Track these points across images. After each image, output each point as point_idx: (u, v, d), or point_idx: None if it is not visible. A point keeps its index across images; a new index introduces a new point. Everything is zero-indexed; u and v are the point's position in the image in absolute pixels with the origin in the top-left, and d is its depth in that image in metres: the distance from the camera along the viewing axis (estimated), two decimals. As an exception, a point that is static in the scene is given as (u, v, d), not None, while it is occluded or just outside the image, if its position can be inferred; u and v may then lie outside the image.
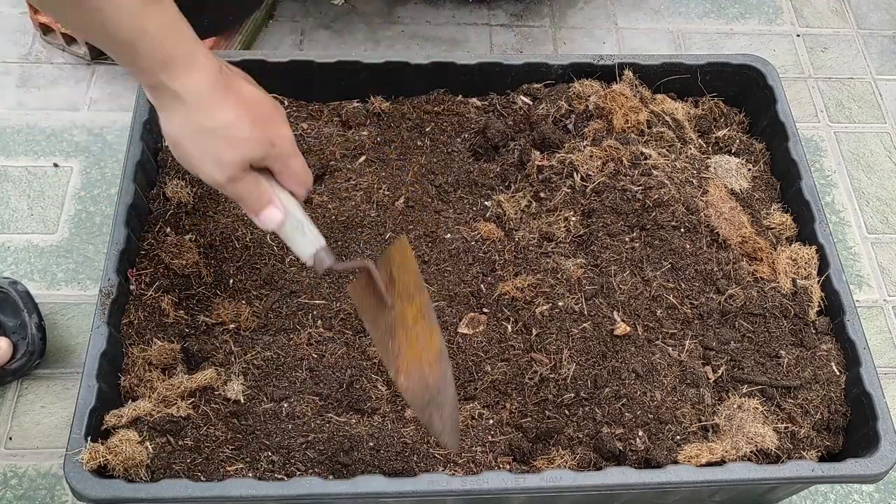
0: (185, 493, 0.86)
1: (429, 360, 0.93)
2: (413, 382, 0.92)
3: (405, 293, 0.94)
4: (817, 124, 1.58)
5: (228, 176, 0.80)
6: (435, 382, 0.93)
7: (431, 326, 0.94)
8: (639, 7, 1.73)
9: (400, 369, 0.92)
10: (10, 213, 1.35)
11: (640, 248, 1.07)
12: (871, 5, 1.77)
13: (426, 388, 0.92)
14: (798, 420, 0.98)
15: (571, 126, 1.19)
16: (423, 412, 0.91)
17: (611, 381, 0.99)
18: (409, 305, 0.93)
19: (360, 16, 1.66)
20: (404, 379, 0.92)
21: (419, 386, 0.92)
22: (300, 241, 0.90)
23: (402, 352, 0.93)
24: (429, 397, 0.92)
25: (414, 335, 0.93)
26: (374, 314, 0.95)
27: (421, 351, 0.93)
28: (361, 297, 0.96)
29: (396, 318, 0.93)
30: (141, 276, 1.04)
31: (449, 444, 0.92)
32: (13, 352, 1.16)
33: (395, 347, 0.94)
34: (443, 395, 0.93)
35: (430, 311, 0.94)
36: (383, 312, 0.94)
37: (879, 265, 1.41)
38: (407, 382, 0.93)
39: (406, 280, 0.94)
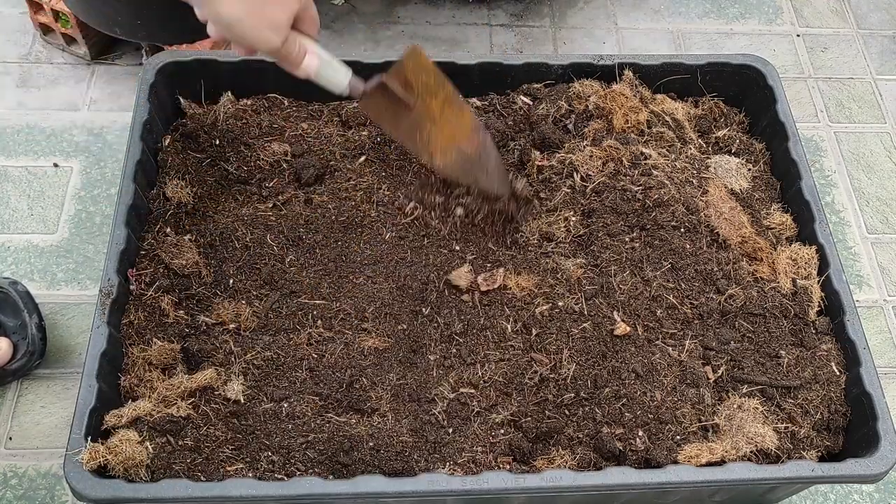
0: (185, 493, 0.86)
1: (463, 135, 1.06)
2: (449, 158, 1.05)
3: (426, 91, 1.03)
4: (817, 124, 1.58)
5: (283, 37, 0.88)
6: (474, 151, 1.06)
7: (461, 109, 1.05)
8: (639, 7, 1.73)
9: (434, 152, 1.05)
10: (10, 213, 1.35)
11: (640, 248, 1.07)
12: (871, 5, 1.77)
13: (465, 159, 1.06)
14: (798, 420, 0.98)
15: (571, 126, 1.19)
16: (468, 177, 1.05)
17: (611, 381, 0.99)
18: (432, 99, 1.03)
19: (360, 16, 1.66)
20: (440, 158, 1.05)
21: (458, 159, 1.04)
22: (333, 76, 0.98)
23: (433, 138, 1.05)
24: (470, 165, 1.06)
25: (443, 122, 1.04)
26: (395, 120, 1.05)
27: (453, 131, 1.05)
28: (379, 109, 1.04)
29: (420, 114, 1.03)
30: (141, 276, 1.04)
31: (500, 190, 1.06)
32: (13, 352, 1.16)
33: (424, 138, 1.05)
34: (485, 158, 1.06)
35: (457, 98, 1.04)
36: (406, 114, 1.03)
37: (879, 265, 1.41)
38: (443, 160, 1.05)
39: (424, 80, 1.02)
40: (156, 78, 1.15)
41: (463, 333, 1.03)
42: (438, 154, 1.05)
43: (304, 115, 1.22)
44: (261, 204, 1.13)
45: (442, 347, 1.02)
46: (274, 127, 1.19)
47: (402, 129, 1.05)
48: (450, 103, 1.04)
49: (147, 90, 1.14)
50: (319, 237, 1.10)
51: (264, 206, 1.13)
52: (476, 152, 1.06)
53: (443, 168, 1.06)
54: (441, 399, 0.99)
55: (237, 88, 1.21)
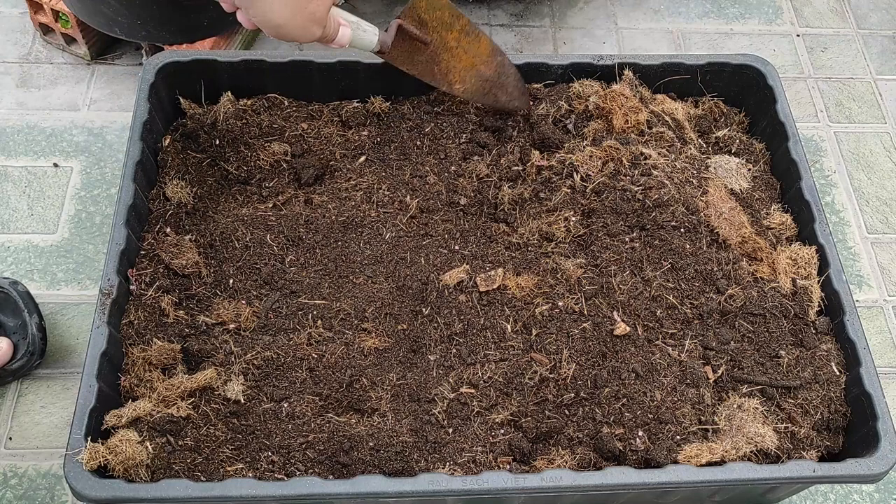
0: (185, 493, 0.87)
1: (482, 60, 1.12)
2: (469, 83, 1.12)
3: (440, 25, 1.08)
4: (817, 124, 1.58)
5: (324, 26, 0.94)
6: (493, 72, 1.13)
7: (477, 38, 1.10)
8: (639, 7, 1.73)
9: (454, 80, 1.11)
10: (10, 213, 1.35)
11: (640, 248, 1.07)
12: (871, 5, 1.77)
13: (485, 81, 1.13)
14: (798, 420, 0.98)
15: (571, 126, 1.19)
16: (488, 97, 1.12)
17: (611, 381, 0.99)
18: (447, 32, 1.08)
19: (360, 16, 1.66)
20: (459, 84, 1.12)
21: (477, 82, 1.11)
22: (364, 37, 1.03)
23: (452, 67, 1.11)
24: (490, 85, 1.13)
25: (461, 51, 1.10)
26: (412, 58, 1.10)
27: (472, 59, 1.11)
28: (394, 49, 1.07)
29: (437, 48, 1.09)
30: (141, 276, 1.04)
31: (520, 105, 1.15)
32: (13, 352, 1.16)
33: (443, 69, 1.11)
34: (504, 77, 1.13)
35: (473, 28, 1.09)
36: (424, 51, 1.09)
37: (879, 265, 1.41)
38: (463, 86, 1.12)
39: (438, 15, 1.07)
40: (156, 78, 1.15)
41: (463, 333, 1.03)
42: (458, 81, 1.11)
43: (303, 115, 1.22)
44: (261, 204, 1.13)
45: (442, 347, 1.02)
46: (274, 127, 1.19)
47: (420, 64, 1.10)
48: (465, 33, 1.09)
49: (147, 90, 1.14)
50: (319, 237, 1.10)
51: (264, 206, 1.13)
52: (494, 73, 1.12)
53: (463, 93, 1.12)
54: (441, 399, 0.99)
55: (237, 88, 1.21)
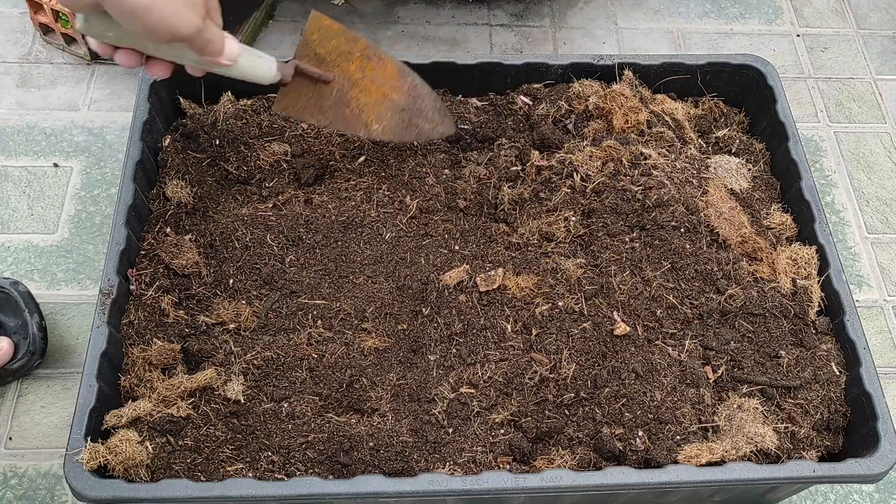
0: (185, 493, 0.87)
1: (392, 87, 0.99)
2: (386, 119, 0.99)
3: (339, 56, 0.96)
4: (817, 124, 1.58)
5: (202, 15, 0.79)
6: (406, 99, 1.00)
7: (380, 60, 0.97)
8: (639, 7, 1.73)
9: (369, 120, 0.97)
10: (10, 213, 1.35)
11: (640, 248, 1.07)
12: (871, 5, 1.77)
13: (401, 111, 1.00)
14: (798, 420, 0.98)
15: (571, 126, 1.19)
16: (410, 130, 0.98)
17: (611, 381, 0.99)
18: (348, 63, 0.96)
19: (360, 16, 1.66)
20: (376, 124, 0.98)
21: (394, 115, 0.98)
22: (259, 63, 0.92)
23: (363, 105, 0.98)
24: (408, 115, 1.00)
25: (367, 82, 0.97)
26: (319, 103, 0.97)
27: (381, 87, 0.98)
28: (299, 100, 0.96)
29: (342, 83, 0.96)
30: (141, 276, 1.04)
31: (446, 130, 1.01)
32: (14, 352, 1.16)
33: (354, 109, 0.97)
34: (419, 101, 1.01)
35: (374, 50, 0.96)
36: (328, 92, 0.96)
37: (879, 265, 1.41)
38: (380, 124, 0.99)
39: (334, 45, 0.95)
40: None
41: (463, 333, 1.03)
42: (374, 120, 0.99)
43: (304, 115, 1.22)
44: (261, 204, 1.13)
45: (442, 347, 1.02)
46: (274, 127, 1.19)
47: (329, 110, 0.98)
48: (367, 58, 0.97)
49: (147, 90, 1.14)
50: (319, 237, 1.10)
51: (264, 206, 1.13)
52: (407, 100, 1.00)
53: (382, 133, 1.00)
54: (441, 399, 0.99)
55: (237, 88, 1.21)
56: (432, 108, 1.02)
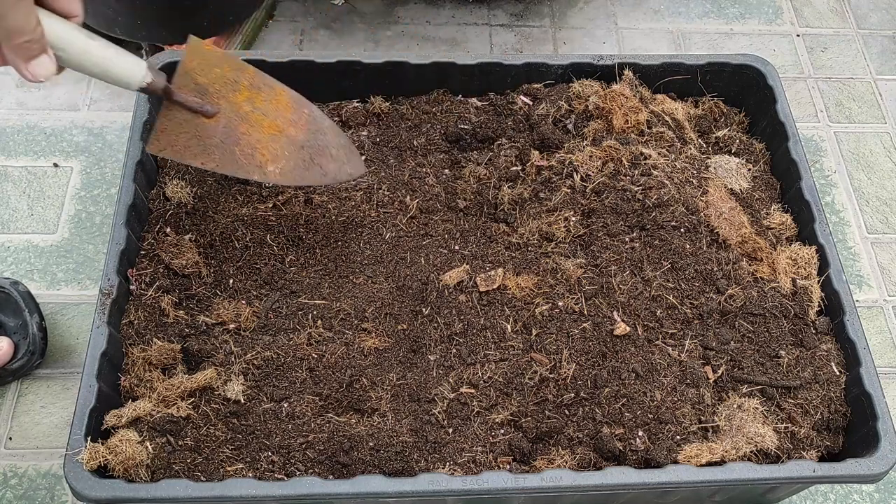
0: (185, 493, 0.86)
1: (287, 121, 0.85)
2: (284, 159, 0.84)
3: (224, 86, 0.83)
4: (817, 124, 1.58)
5: None
6: (305, 134, 0.86)
7: (271, 89, 0.85)
8: (639, 7, 1.73)
9: (264, 161, 0.83)
10: (10, 213, 1.35)
11: (640, 248, 1.07)
12: (871, 5, 1.77)
13: (301, 149, 0.85)
14: (798, 420, 0.98)
15: (571, 126, 1.19)
16: (313, 171, 0.84)
17: (611, 381, 0.99)
18: (235, 94, 0.83)
19: (360, 16, 1.66)
20: (273, 164, 0.83)
21: (293, 154, 0.84)
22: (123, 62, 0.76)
23: (256, 143, 0.83)
24: (309, 153, 0.86)
25: (259, 116, 0.83)
26: (203, 142, 0.82)
27: (274, 121, 0.84)
28: (178, 137, 0.82)
29: (229, 117, 0.82)
30: (141, 276, 1.04)
31: (354, 170, 0.86)
32: (14, 352, 1.16)
33: (246, 148, 0.82)
34: (320, 135, 0.86)
35: (262, 78, 0.84)
36: (213, 128, 0.82)
37: (879, 265, 1.41)
38: (277, 165, 0.84)
39: (217, 74, 0.83)
40: (156, 78, 1.15)
41: (463, 333, 1.03)
42: (269, 161, 0.84)
43: (304, 115, 1.22)
44: (261, 204, 1.13)
45: (442, 347, 1.02)
46: (274, 127, 1.19)
47: (215, 150, 0.83)
48: (257, 88, 0.85)
49: (147, 90, 1.14)
50: (319, 237, 1.10)
51: (264, 206, 1.13)
52: (307, 133, 0.86)
53: (280, 175, 0.85)
54: (441, 399, 0.99)
55: (237, 88, 1.21)
56: (336, 145, 0.89)
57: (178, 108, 0.82)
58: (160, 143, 0.83)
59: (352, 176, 0.91)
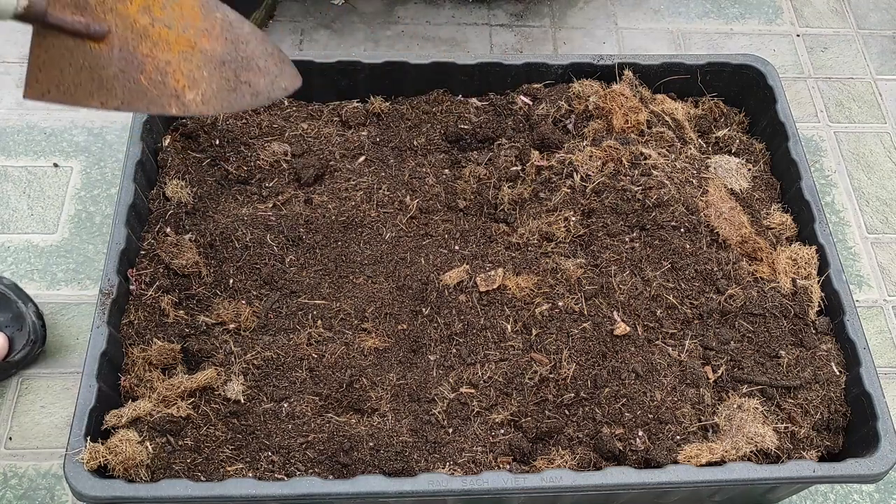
0: (185, 493, 0.86)
1: (198, 30, 0.68)
2: (204, 80, 0.68)
3: None
4: (817, 124, 1.58)
5: None
6: (222, 46, 0.69)
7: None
8: (639, 7, 1.73)
9: (181, 88, 0.67)
10: (10, 213, 1.35)
11: (640, 248, 1.07)
12: (871, 5, 1.77)
13: (221, 65, 0.69)
14: (798, 420, 0.98)
15: (571, 126, 1.19)
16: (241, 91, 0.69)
17: (611, 381, 0.99)
18: (125, 4, 0.65)
19: (360, 16, 1.66)
20: (192, 91, 0.68)
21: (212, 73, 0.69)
22: None
23: (167, 65, 0.67)
24: (233, 70, 0.70)
25: (162, 28, 0.67)
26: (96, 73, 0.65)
27: (182, 33, 0.67)
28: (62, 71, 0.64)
29: (124, 36, 0.65)
30: (141, 276, 1.04)
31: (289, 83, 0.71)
32: (11, 344, 1.16)
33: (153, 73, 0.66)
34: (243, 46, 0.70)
35: None
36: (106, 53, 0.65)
37: (879, 265, 1.41)
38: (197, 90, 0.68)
39: None
40: (156, 78, 1.15)
41: (463, 333, 1.03)
42: (186, 86, 0.68)
43: (303, 115, 1.22)
44: (261, 204, 1.13)
45: (442, 347, 1.02)
46: (274, 127, 1.19)
47: (115, 82, 0.66)
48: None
49: (147, 90, 1.14)
50: (319, 237, 1.10)
51: (264, 206, 1.13)
52: (226, 43, 0.70)
53: (204, 103, 0.69)
54: (441, 399, 0.99)
55: (237, 88, 1.21)
56: (264, 55, 0.72)
57: (54, 34, 0.64)
58: (41, 84, 0.65)
59: (286, 91, 0.74)
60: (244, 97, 0.73)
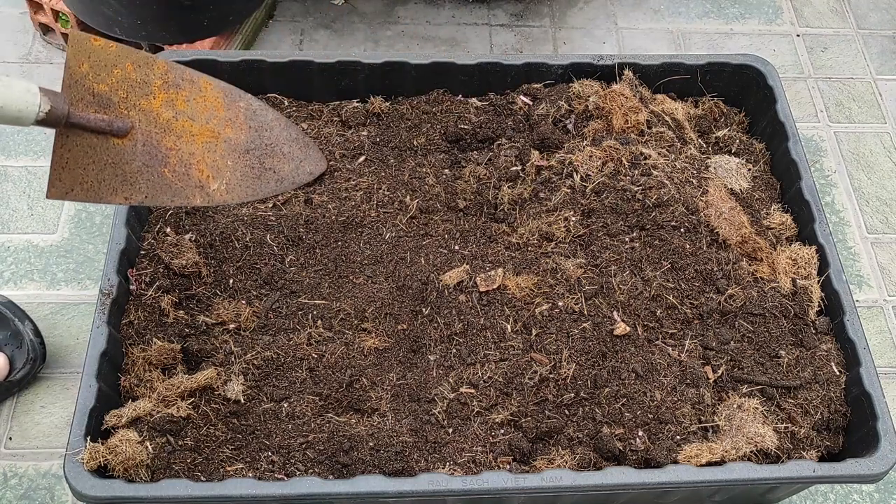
0: (185, 492, 0.86)
1: (222, 121, 0.67)
2: (228, 169, 0.67)
3: (131, 91, 0.62)
4: (817, 124, 1.58)
5: None
6: (246, 135, 0.68)
7: (193, 84, 0.66)
8: (639, 7, 1.73)
9: (205, 179, 0.66)
10: (10, 213, 1.35)
11: (640, 248, 1.07)
12: (871, 5, 1.77)
13: (246, 154, 0.69)
14: (798, 420, 0.98)
15: (571, 126, 1.19)
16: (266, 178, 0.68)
17: (611, 381, 0.99)
18: (147, 99, 0.64)
19: (360, 16, 1.66)
20: (216, 181, 0.66)
21: (237, 162, 0.68)
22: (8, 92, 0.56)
23: (191, 157, 0.66)
24: (257, 158, 0.69)
25: (185, 121, 0.65)
26: (120, 169, 0.62)
27: (206, 124, 0.66)
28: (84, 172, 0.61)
29: (147, 131, 0.64)
30: (141, 276, 1.04)
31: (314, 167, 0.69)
32: (11, 363, 1.15)
33: (178, 166, 0.64)
34: (266, 133, 0.70)
35: (180, 72, 0.65)
36: (129, 148, 0.63)
37: (879, 265, 1.41)
38: (221, 180, 0.66)
39: (118, 76, 0.62)
40: (156, 78, 1.15)
41: (463, 333, 1.03)
42: (210, 176, 0.68)
43: (303, 115, 1.22)
44: (261, 204, 1.13)
45: (442, 347, 1.02)
46: (274, 127, 1.19)
47: (139, 176, 0.64)
48: (174, 87, 0.66)
49: (147, 90, 1.14)
50: (319, 237, 1.10)
51: (264, 206, 1.13)
52: (250, 131, 0.69)
53: (228, 192, 0.68)
54: (441, 399, 0.99)
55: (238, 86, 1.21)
56: (288, 140, 0.72)
57: (77, 133, 0.61)
58: (63, 183, 0.62)
59: (312, 175, 0.74)
60: (269, 183, 0.73)
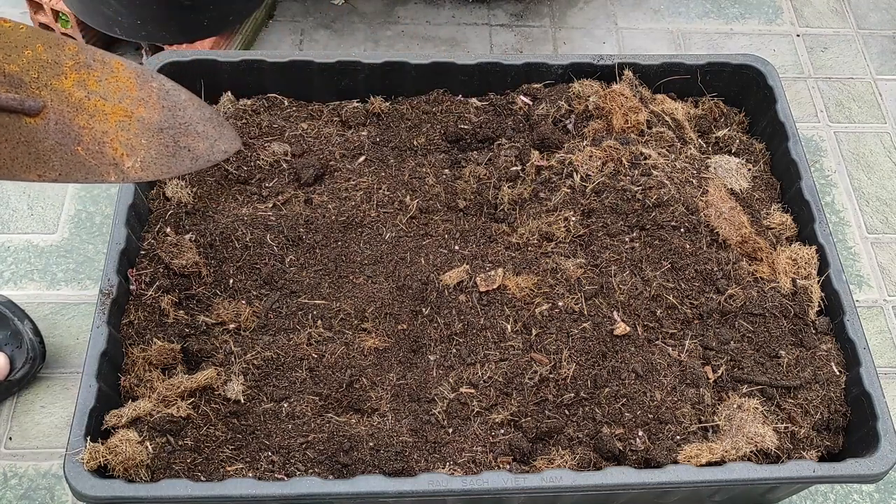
0: (185, 492, 0.86)
1: (135, 100, 0.70)
2: (142, 147, 0.70)
3: (42, 71, 0.66)
4: (817, 124, 1.58)
5: None
6: (159, 114, 0.71)
7: (104, 65, 0.69)
8: (639, 7, 1.73)
9: (119, 157, 0.69)
10: (10, 213, 1.35)
11: (640, 248, 1.07)
12: (871, 5, 1.77)
13: (160, 133, 0.71)
14: (798, 420, 0.98)
15: (571, 126, 1.19)
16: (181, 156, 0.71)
17: (611, 381, 0.99)
18: (59, 79, 0.67)
19: (360, 16, 1.66)
20: (131, 159, 0.69)
21: (151, 140, 0.71)
22: None
23: (104, 135, 0.68)
24: (171, 136, 0.72)
25: (97, 100, 0.68)
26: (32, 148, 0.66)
27: (118, 103, 0.69)
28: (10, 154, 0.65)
29: (59, 110, 0.67)
30: (141, 276, 1.04)
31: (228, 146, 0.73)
32: (11, 363, 1.15)
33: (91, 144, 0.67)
34: (180, 112, 0.72)
35: (91, 52, 0.69)
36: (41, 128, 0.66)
37: (879, 265, 1.41)
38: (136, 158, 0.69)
39: (29, 56, 0.66)
40: (156, 78, 1.15)
41: (463, 333, 1.03)
42: (125, 154, 0.70)
43: (303, 115, 1.22)
44: (261, 204, 1.13)
45: (442, 347, 1.02)
46: (274, 127, 1.19)
47: (52, 155, 0.66)
48: (86, 67, 0.69)
49: (147, 90, 1.14)
50: (319, 237, 1.10)
51: (264, 206, 1.13)
52: (163, 110, 0.72)
53: (143, 169, 0.70)
54: (441, 399, 0.99)
55: (237, 88, 1.21)
56: (202, 120, 0.74)
57: None
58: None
59: (227, 153, 0.77)
60: (184, 161, 0.75)
